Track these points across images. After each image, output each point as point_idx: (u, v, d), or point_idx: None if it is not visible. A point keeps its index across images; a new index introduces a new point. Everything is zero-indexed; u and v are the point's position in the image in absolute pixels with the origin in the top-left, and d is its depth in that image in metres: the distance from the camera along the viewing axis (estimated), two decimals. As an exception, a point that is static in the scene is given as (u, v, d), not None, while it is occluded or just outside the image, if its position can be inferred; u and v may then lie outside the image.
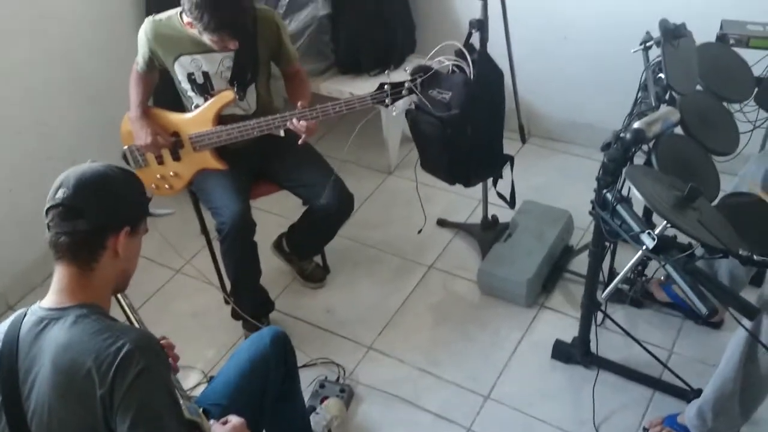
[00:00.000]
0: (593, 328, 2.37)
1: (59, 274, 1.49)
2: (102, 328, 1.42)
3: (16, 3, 2.73)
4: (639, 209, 1.95)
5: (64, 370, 1.39)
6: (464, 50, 2.42)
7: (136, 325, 1.73)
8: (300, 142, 2.39)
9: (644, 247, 1.76)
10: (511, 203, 2.83)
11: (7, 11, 2.70)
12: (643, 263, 2.55)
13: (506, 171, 2.74)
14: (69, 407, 1.40)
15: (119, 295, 1.69)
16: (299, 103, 2.37)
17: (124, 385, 1.36)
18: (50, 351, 1.42)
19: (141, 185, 1.61)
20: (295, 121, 2.34)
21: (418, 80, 2.29)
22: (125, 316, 1.74)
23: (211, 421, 1.69)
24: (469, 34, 2.47)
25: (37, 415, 1.43)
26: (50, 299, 1.49)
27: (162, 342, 1.71)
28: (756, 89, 2.38)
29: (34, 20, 2.80)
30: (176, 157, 2.55)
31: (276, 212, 3.13)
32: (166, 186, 2.61)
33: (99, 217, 1.48)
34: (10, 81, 2.78)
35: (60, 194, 1.45)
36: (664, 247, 1.76)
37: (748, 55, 2.42)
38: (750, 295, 1.97)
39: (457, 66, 2.45)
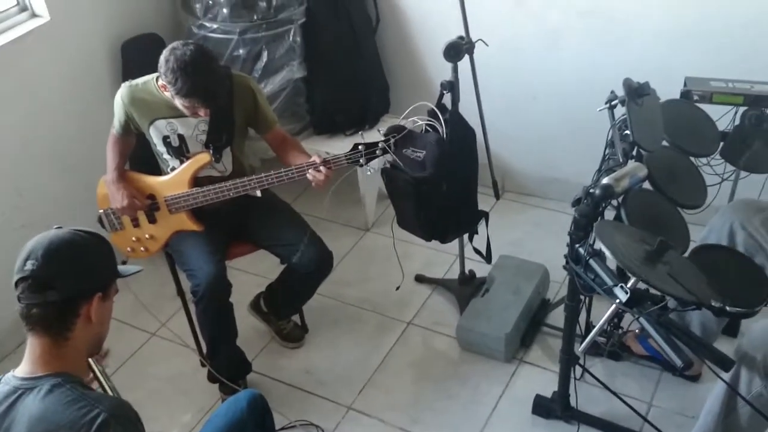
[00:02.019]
0: (572, 382, 2.37)
1: (32, 344, 1.47)
2: (76, 398, 1.40)
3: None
4: (613, 262, 1.97)
5: None
6: (436, 110, 2.47)
7: (110, 392, 1.70)
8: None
9: (618, 301, 1.78)
10: (488, 258, 2.85)
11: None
12: (618, 316, 2.56)
13: (482, 226, 2.77)
14: (43, 478, 1.37)
15: (92, 362, 1.66)
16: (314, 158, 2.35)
17: None
18: (24, 421, 1.39)
19: (109, 247, 1.60)
20: (313, 171, 2.32)
21: (392, 140, 2.32)
22: (98, 383, 1.72)
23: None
24: (441, 95, 2.53)
25: None
26: (24, 368, 1.47)
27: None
28: (721, 143, 2.45)
29: (10, 89, 2.82)
30: (152, 220, 2.55)
31: (253, 272, 3.13)
32: (142, 249, 2.60)
33: (71, 287, 1.46)
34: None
35: (29, 266, 1.43)
36: (637, 300, 1.79)
37: (712, 110, 2.50)
38: (723, 345, 2.00)
39: (430, 125, 2.49)
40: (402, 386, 2.73)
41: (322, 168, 2.32)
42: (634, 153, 2.24)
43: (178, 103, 2.29)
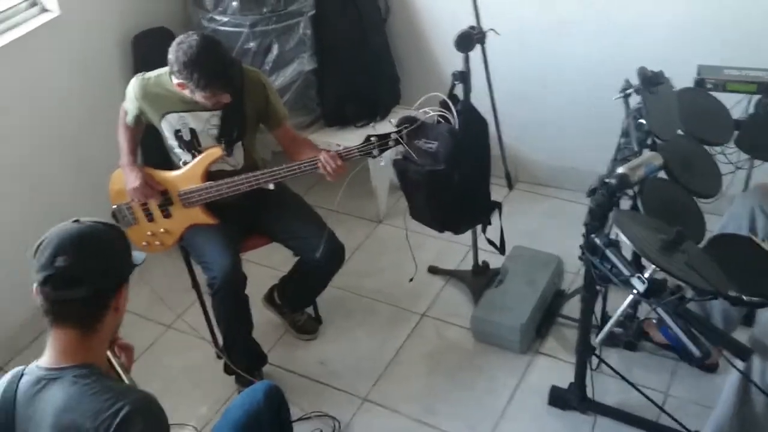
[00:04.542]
0: (588, 373, 2.37)
1: (57, 337, 1.46)
2: (101, 390, 1.41)
3: (8, 71, 2.76)
4: (628, 253, 1.97)
5: (62, 431, 1.38)
6: (448, 101, 2.46)
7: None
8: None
9: (635, 291, 1.78)
10: (501, 249, 2.84)
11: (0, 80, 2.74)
12: (634, 306, 2.56)
13: (495, 217, 2.76)
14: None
15: (111, 357, 1.67)
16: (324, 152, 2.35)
17: None
18: (49, 412, 1.40)
19: (126, 237, 1.60)
20: (327, 156, 2.32)
21: (404, 131, 2.32)
22: (117, 376, 1.73)
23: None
24: (453, 86, 2.52)
25: None
26: (48, 359, 1.47)
27: (120, 342, 1.67)
28: (735, 132, 2.43)
29: (21, 85, 2.82)
30: (166, 214, 2.55)
31: (267, 264, 3.13)
32: (157, 243, 2.61)
33: (104, 281, 1.47)
34: (3, 147, 2.79)
35: (60, 262, 1.41)
36: (655, 290, 1.78)
37: (726, 98, 2.48)
38: (742, 335, 1.99)
39: (442, 116, 2.49)
40: (417, 377, 2.73)
41: (335, 159, 2.31)
42: (649, 142, 2.23)
43: (199, 96, 2.29)
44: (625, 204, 2.13)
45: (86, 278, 1.43)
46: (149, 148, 2.65)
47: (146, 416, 1.39)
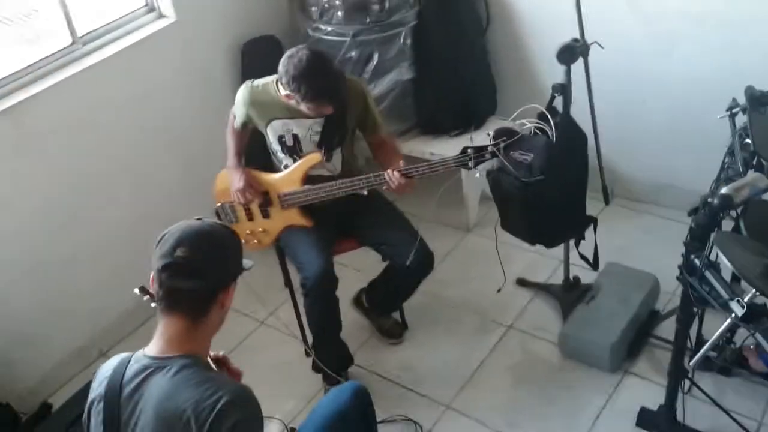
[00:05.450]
0: (680, 396, 2.30)
1: (167, 325, 1.56)
2: (204, 380, 1.49)
3: (125, 73, 2.94)
4: (727, 275, 1.91)
5: (165, 417, 1.47)
6: (547, 114, 2.45)
7: None
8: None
9: (733, 315, 1.73)
10: (594, 265, 2.80)
11: (114, 83, 2.91)
12: (731, 330, 2.48)
13: (588, 232, 2.72)
14: (167, 453, 1.46)
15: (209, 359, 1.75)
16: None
17: None
18: (153, 398, 1.49)
19: (240, 241, 1.70)
20: (391, 173, 2.39)
21: (502, 144, 2.32)
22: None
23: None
24: (552, 98, 2.51)
25: None
26: (155, 348, 1.56)
27: (230, 367, 1.76)
28: None
29: (140, 89, 2.99)
30: (265, 215, 2.66)
31: (356, 268, 3.19)
32: (255, 241, 2.71)
33: (218, 277, 1.56)
34: (113, 146, 2.97)
35: (180, 252, 1.51)
36: (754, 315, 1.73)
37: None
38: None
39: (539, 128, 2.48)
40: (501, 389, 2.73)
41: (399, 178, 2.37)
42: (755, 163, 2.16)
43: (305, 107, 2.38)
44: (727, 225, 2.07)
45: (200, 271, 1.53)
46: (252, 151, 2.76)
47: (243, 407, 1.46)
